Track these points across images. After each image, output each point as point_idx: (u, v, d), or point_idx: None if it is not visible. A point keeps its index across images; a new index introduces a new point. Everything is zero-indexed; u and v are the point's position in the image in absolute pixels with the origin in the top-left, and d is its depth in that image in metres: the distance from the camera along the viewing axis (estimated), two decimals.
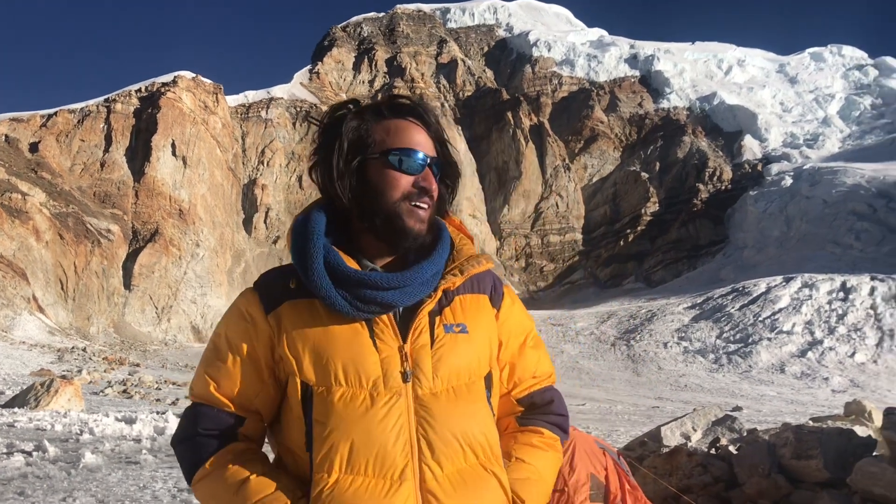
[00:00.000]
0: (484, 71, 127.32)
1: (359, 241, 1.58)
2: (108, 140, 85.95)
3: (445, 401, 1.45)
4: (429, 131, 1.58)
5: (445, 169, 1.62)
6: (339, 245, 1.54)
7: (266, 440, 1.63)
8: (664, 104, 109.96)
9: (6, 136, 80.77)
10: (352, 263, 1.51)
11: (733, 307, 55.46)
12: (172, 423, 12.17)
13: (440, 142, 1.61)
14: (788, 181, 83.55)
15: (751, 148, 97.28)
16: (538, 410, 1.66)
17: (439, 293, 1.53)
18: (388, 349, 1.46)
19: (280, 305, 1.51)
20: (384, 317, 1.48)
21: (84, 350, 51.40)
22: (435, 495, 1.39)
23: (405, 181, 1.52)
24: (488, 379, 1.55)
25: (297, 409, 1.47)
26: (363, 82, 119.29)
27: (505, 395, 1.65)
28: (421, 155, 1.53)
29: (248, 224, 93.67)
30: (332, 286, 1.46)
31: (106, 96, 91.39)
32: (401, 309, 1.51)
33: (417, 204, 1.52)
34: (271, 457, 1.61)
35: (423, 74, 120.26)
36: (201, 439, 1.50)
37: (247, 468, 1.45)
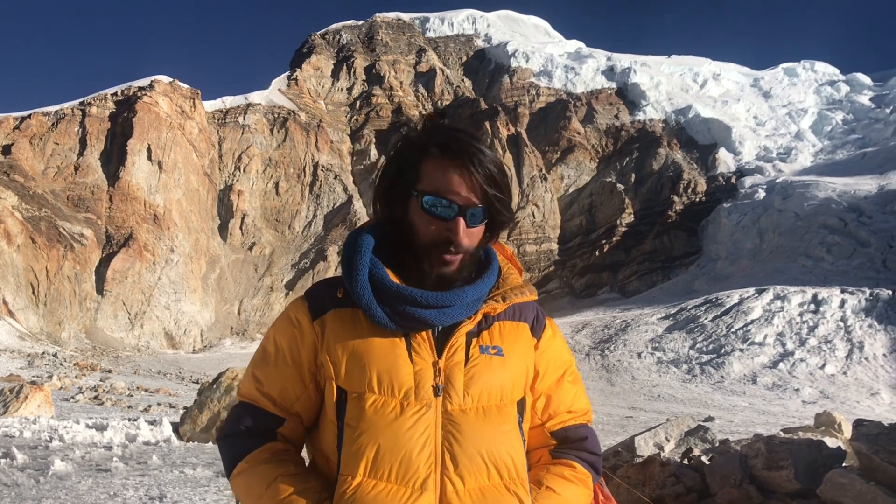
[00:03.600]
0: (462, 80, 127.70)
1: (409, 257, 1.58)
2: (83, 143, 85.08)
3: (474, 418, 1.47)
4: (476, 174, 1.49)
5: (493, 214, 1.54)
6: (389, 261, 1.58)
7: (304, 446, 1.68)
8: (640, 116, 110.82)
9: None
10: (396, 279, 1.54)
11: (706, 318, 55.88)
12: (144, 430, 12.04)
13: (491, 184, 1.51)
14: (761, 194, 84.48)
15: (725, 161, 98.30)
16: (572, 445, 1.67)
17: (479, 316, 1.55)
18: (423, 363, 1.49)
19: (326, 313, 1.57)
20: (423, 332, 1.52)
21: (55, 355, 50.70)
22: None
23: (435, 227, 1.50)
24: (521, 404, 1.57)
25: (332, 413, 1.53)
26: (342, 90, 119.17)
27: (539, 426, 1.67)
28: (452, 204, 1.48)
29: (223, 230, 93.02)
30: (374, 299, 1.50)
31: (81, 99, 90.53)
32: (439, 326, 1.54)
33: (443, 252, 1.50)
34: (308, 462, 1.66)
35: (401, 83, 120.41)
36: (242, 436, 1.56)
37: (280, 467, 1.50)
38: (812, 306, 53.48)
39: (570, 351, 1.70)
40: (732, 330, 52.49)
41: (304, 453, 1.67)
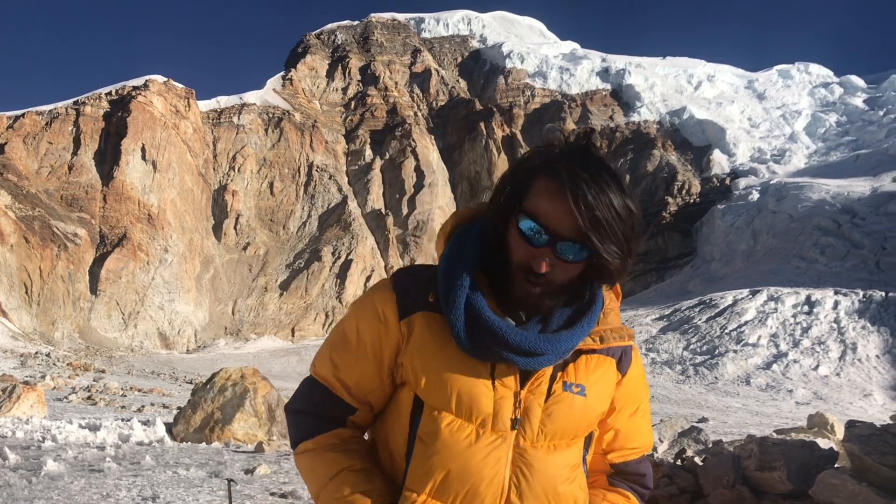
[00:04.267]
0: (457, 81, 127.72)
1: (506, 272, 1.49)
2: (77, 143, 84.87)
3: (544, 455, 1.46)
4: (578, 210, 1.34)
5: (593, 253, 1.39)
6: (492, 269, 1.50)
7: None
8: (635, 118, 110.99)
9: None
10: (492, 305, 1.47)
11: (700, 319, 55.99)
12: (137, 431, 12.01)
13: (594, 225, 1.35)
14: (755, 196, 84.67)
15: (719, 162, 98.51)
16: (629, 478, 1.66)
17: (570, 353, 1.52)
18: (505, 391, 1.46)
19: (414, 314, 1.52)
20: None
21: (48, 355, 50.57)
22: None
23: (525, 252, 1.41)
24: (588, 438, 1.58)
25: (405, 419, 1.52)
26: (336, 90, 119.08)
27: (601, 454, 1.66)
28: (543, 232, 1.38)
29: (217, 230, 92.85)
30: (465, 328, 1.44)
31: (75, 98, 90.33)
32: None
33: (529, 279, 1.42)
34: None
35: (396, 83, 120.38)
36: (313, 416, 1.57)
37: (347, 458, 1.51)
38: (805, 308, 53.63)
39: (647, 384, 1.67)
40: (726, 331, 52.59)
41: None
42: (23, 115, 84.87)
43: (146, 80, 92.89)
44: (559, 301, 1.47)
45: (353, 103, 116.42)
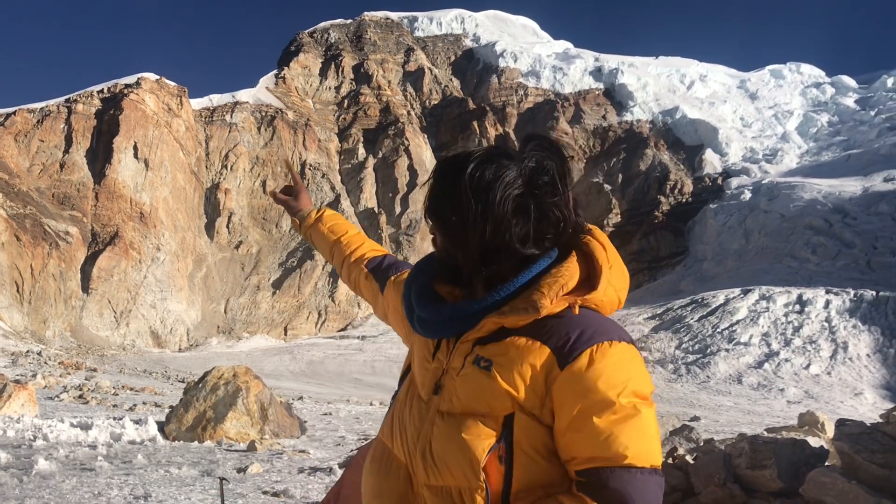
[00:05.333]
0: (451, 80, 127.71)
1: None
2: (69, 141, 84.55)
3: (451, 422, 1.54)
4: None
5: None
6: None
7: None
8: (627, 117, 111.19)
9: None
10: (445, 290, 1.71)
11: (692, 318, 56.20)
12: (129, 430, 11.98)
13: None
14: (748, 195, 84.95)
15: (711, 162, 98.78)
16: (595, 493, 1.43)
17: (487, 326, 1.56)
18: (438, 362, 1.64)
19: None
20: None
21: (39, 354, 50.38)
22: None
23: None
24: (508, 424, 1.49)
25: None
26: (330, 88, 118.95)
27: (567, 461, 1.50)
28: None
29: (210, 228, 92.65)
30: (405, 306, 1.76)
31: (67, 96, 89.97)
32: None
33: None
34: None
35: (389, 82, 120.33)
36: None
37: None
38: (797, 307, 53.86)
39: (627, 382, 1.48)
40: (718, 330, 52.81)
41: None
42: (14, 112, 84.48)
43: (138, 78, 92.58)
44: (474, 278, 1.62)
45: (346, 102, 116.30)
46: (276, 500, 7.34)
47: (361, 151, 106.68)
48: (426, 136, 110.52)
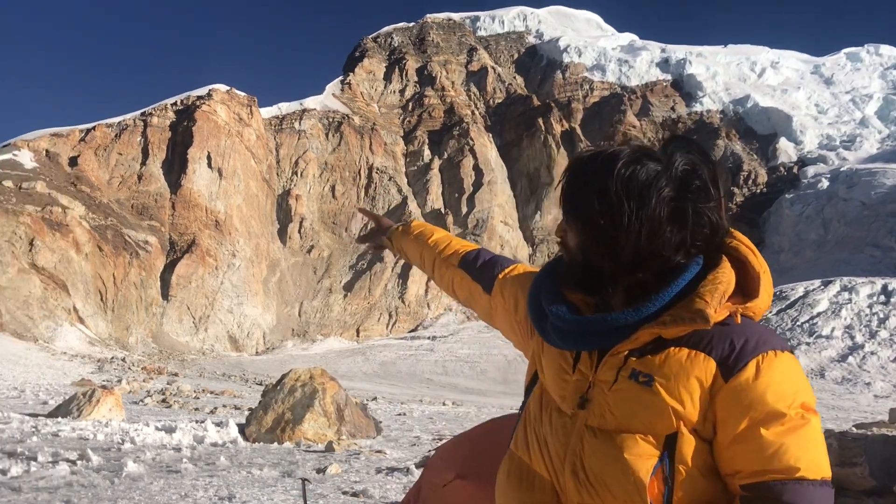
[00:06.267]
0: (514, 78, 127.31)
1: None
2: (145, 153, 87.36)
3: (603, 439, 1.45)
4: (562, 196, 1.58)
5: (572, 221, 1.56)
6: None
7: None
8: (697, 107, 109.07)
9: (47, 150, 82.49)
10: (575, 297, 1.58)
11: (771, 311, 54.73)
12: (211, 432, 12.30)
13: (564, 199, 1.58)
14: (825, 183, 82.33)
15: (786, 150, 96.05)
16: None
17: (643, 337, 1.46)
18: (582, 376, 1.52)
19: None
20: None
21: (123, 360, 52.18)
22: None
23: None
24: (671, 442, 1.42)
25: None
26: (394, 92, 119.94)
27: (730, 475, 1.43)
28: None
29: (282, 234, 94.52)
30: (535, 319, 1.64)
31: (143, 110, 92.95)
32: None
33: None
34: None
35: (453, 83, 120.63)
36: None
37: None
38: (882, 297, 51.89)
39: (795, 394, 1.41)
40: (798, 323, 51.31)
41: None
42: (93, 127, 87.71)
43: (210, 90, 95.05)
44: (618, 284, 1.50)
45: (410, 104, 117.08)
46: (355, 501, 7.43)
47: (427, 153, 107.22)
48: (491, 136, 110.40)
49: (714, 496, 1.43)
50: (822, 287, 55.75)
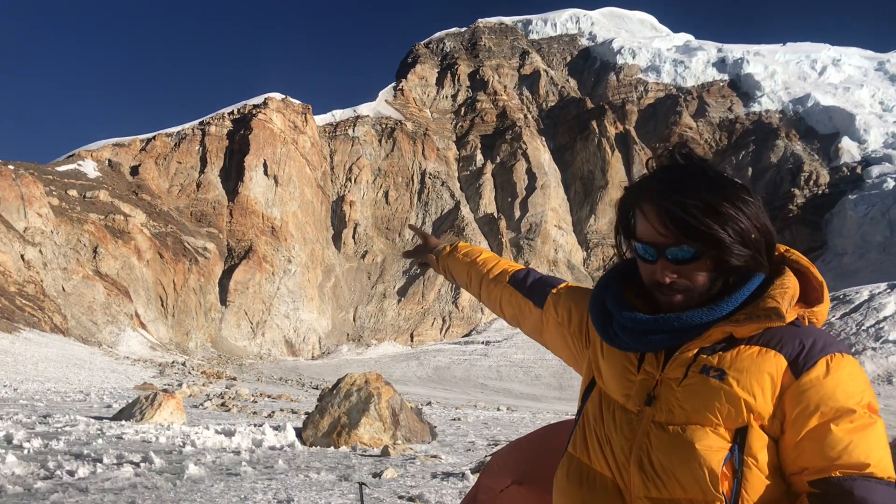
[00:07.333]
0: (567, 81, 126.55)
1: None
2: (203, 161, 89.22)
3: (674, 433, 1.49)
4: (665, 214, 1.50)
5: (699, 250, 1.50)
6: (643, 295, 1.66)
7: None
8: (755, 108, 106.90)
9: (109, 160, 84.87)
10: (635, 301, 1.63)
11: (834, 316, 53.28)
12: (269, 436, 12.45)
13: (677, 223, 1.49)
14: (891, 183, 79.91)
15: (849, 150, 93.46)
16: (833, 501, 1.38)
17: (715, 335, 1.52)
18: (648, 374, 1.57)
19: None
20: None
21: (183, 364, 53.20)
22: None
23: (647, 271, 1.58)
24: (741, 436, 1.47)
25: (580, 394, 1.78)
26: (446, 97, 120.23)
27: (797, 473, 1.46)
28: (648, 248, 1.54)
29: (337, 240, 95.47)
30: (601, 323, 1.67)
31: (200, 119, 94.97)
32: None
33: (664, 292, 1.55)
34: None
35: (505, 87, 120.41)
36: None
37: None
38: None
39: (863, 393, 1.44)
40: (863, 328, 49.83)
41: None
42: (154, 137, 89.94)
43: (265, 98, 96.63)
44: (710, 297, 1.54)
45: (462, 109, 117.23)
46: None
47: (479, 158, 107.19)
48: (544, 139, 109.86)
49: (778, 496, 1.45)
50: (889, 290, 54.07)
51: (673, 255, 1.50)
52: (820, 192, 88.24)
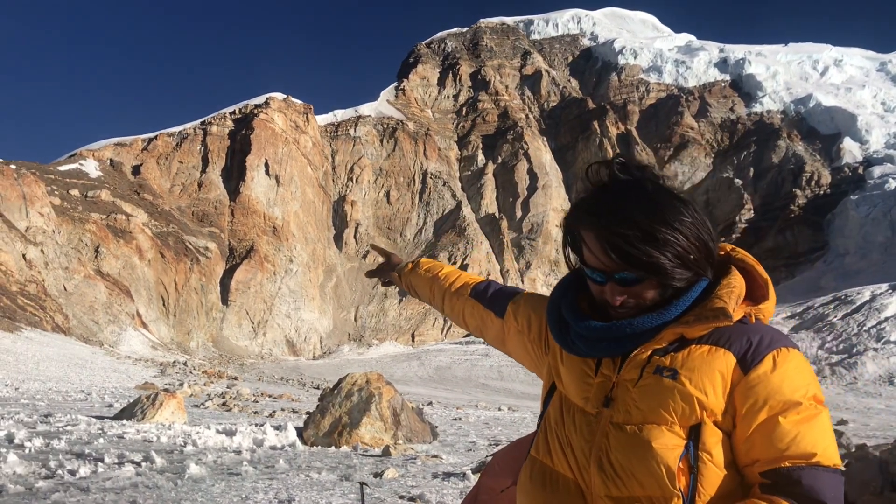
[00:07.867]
0: (569, 81, 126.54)
1: None
2: (205, 161, 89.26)
3: (631, 433, 1.54)
4: (599, 240, 1.55)
5: (639, 269, 1.55)
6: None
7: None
8: (757, 108, 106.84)
9: (111, 160, 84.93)
10: (589, 309, 1.70)
11: (835, 316, 53.23)
12: (270, 435, 12.46)
13: (616, 252, 1.53)
14: (893, 184, 79.85)
15: (850, 150, 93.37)
16: (785, 490, 1.46)
17: (668, 337, 1.58)
18: (605, 377, 1.62)
19: None
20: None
21: (185, 364, 53.24)
22: None
23: (597, 291, 1.63)
24: (695, 432, 1.53)
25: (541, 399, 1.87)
26: (448, 97, 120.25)
27: (749, 465, 1.53)
28: (596, 273, 1.59)
29: (338, 239, 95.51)
30: (557, 330, 1.74)
31: (202, 119, 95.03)
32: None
33: (617, 310, 1.60)
34: None
35: (507, 87, 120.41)
36: None
37: None
38: None
39: (808, 386, 1.52)
40: (865, 328, 49.78)
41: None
42: (155, 137, 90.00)
43: (267, 98, 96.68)
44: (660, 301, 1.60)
45: (464, 109, 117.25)
46: None
47: (481, 158, 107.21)
48: (545, 139, 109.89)
49: (733, 488, 1.52)
50: (890, 291, 54.03)
51: (621, 278, 1.55)
52: (821, 192, 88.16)
